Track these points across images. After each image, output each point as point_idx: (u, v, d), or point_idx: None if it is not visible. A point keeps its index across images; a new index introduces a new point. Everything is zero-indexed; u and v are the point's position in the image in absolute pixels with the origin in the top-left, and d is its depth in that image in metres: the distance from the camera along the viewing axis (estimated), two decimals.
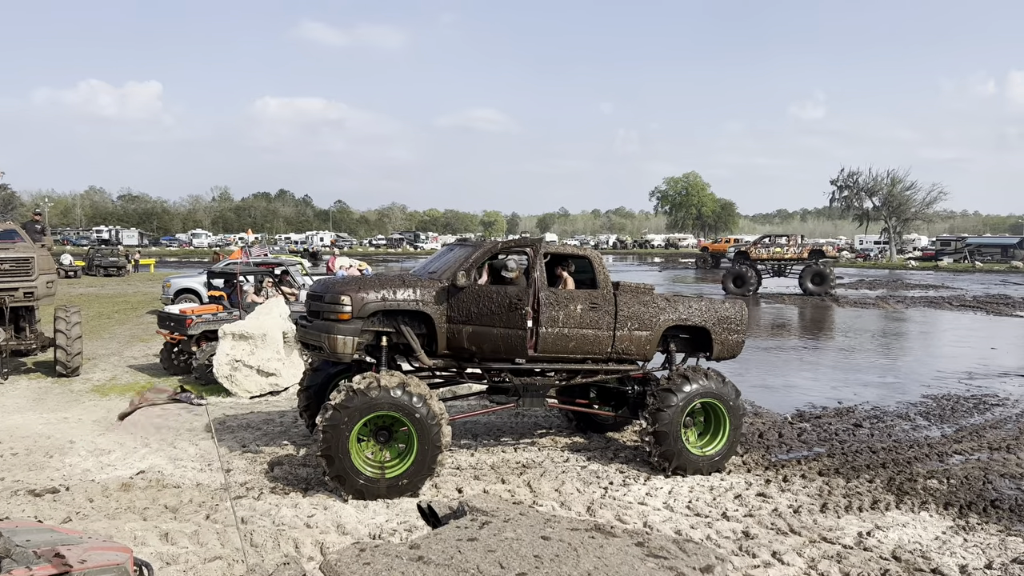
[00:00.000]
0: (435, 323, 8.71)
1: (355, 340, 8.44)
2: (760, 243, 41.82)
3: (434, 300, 8.67)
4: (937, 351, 21.20)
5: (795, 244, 40.27)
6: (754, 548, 7.02)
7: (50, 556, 3.47)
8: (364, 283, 8.73)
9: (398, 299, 8.57)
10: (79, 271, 45.99)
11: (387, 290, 8.58)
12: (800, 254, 39.63)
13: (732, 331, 10.03)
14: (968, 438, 11.27)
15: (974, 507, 8.36)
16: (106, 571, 3.45)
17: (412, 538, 3.89)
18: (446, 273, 8.86)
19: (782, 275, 40.23)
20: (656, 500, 8.39)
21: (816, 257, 39.40)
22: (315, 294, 8.92)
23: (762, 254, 40.45)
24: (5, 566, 3.30)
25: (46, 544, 3.63)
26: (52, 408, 12.12)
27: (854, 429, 11.74)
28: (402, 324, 8.69)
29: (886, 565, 6.73)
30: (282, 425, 11.14)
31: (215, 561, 6.34)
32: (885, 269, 67.72)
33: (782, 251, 40.08)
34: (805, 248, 40.05)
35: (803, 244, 40.58)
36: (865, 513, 8.12)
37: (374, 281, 8.81)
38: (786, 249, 40.07)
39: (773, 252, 40.26)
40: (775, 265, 40.17)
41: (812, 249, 40.17)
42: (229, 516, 7.28)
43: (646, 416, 9.33)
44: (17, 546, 3.48)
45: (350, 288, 8.56)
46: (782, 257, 40.00)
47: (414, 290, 8.65)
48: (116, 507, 7.68)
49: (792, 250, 39.89)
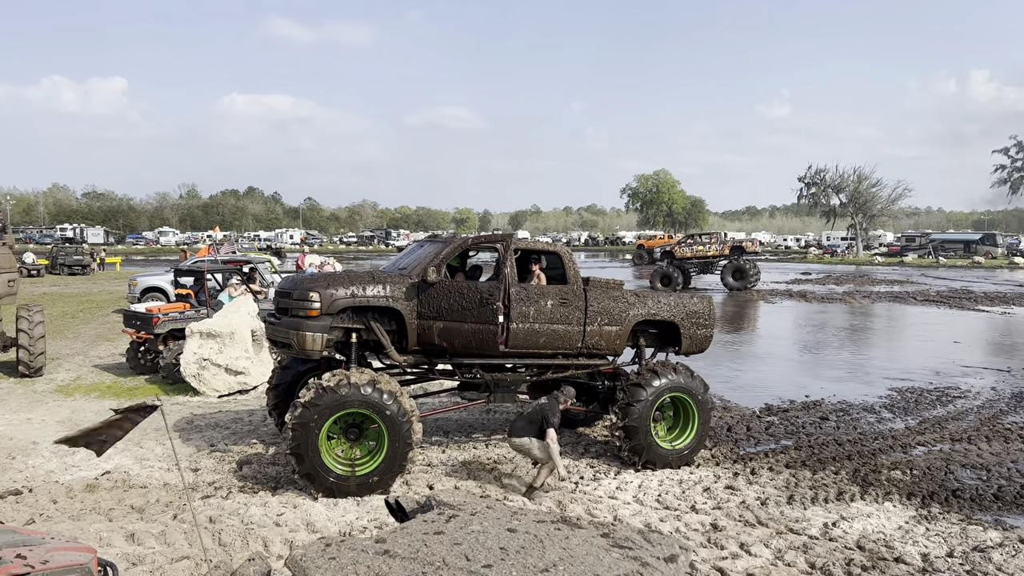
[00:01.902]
0: (405, 319, 8.68)
1: (324, 337, 8.39)
2: (684, 242, 42.62)
3: (404, 296, 8.65)
4: (902, 345, 21.56)
5: (717, 242, 41.15)
6: (722, 540, 7.11)
7: (11, 557, 3.42)
8: (333, 279, 8.68)
9: (368, 295, 8.53)
10: (42, 270, 45.17)
11: (356, 286, 8.54)
12: (722, 251, 40.47)
13: (700, 326, 10.12)
14: (931, 430, 11.49)
15: (936, 497, 8.53)
16: (69, 571, 3.41)
17: (378, 533, 3.88)
18: (416, 269, 8.84)
19: (709, 272, 41.08)
20: (626, 494, 8.45)
21: (737, 254, 40.16)
22: (284, 291, 8.86)
23: (686, 253, 41.29)
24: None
25: (8, 545, 3.57)
26: (14, 409, 11.91)
27: (820, 422, 11.91)
28: (372, 320, 8.66)
29: (851, 555, 6.85)
30: (251, 424, 11.04)
31: (182, 561, 6.28)
32: (852, 265, 68.68)
33: (704, 249, 40.95)
34: (726, 245, 40.82)
35: (724, 241, 41.35)
36: (831, 504, 8.25)
37: (343, 277, 8.76)
38: (708, 247, 40.93)
39: (696, 251, 41.12)
40: (701, 263, 41.04)
41: (732, 246, 40.87)
42: (196, 516, 7.20)
43: (616, 411, 9.39)
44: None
45: (319, 284, 8.51)
46: (705, 255, 40.85)
47: (384, 286, 8.62)
48: (81, 508, 7.57)
49: (714, 247, 40.76)
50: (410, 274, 8.81)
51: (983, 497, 8.54)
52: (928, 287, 41.75)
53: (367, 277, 8.76)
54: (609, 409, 9.81)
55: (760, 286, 40.24)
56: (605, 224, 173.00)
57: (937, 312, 29.55)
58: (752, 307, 31.32)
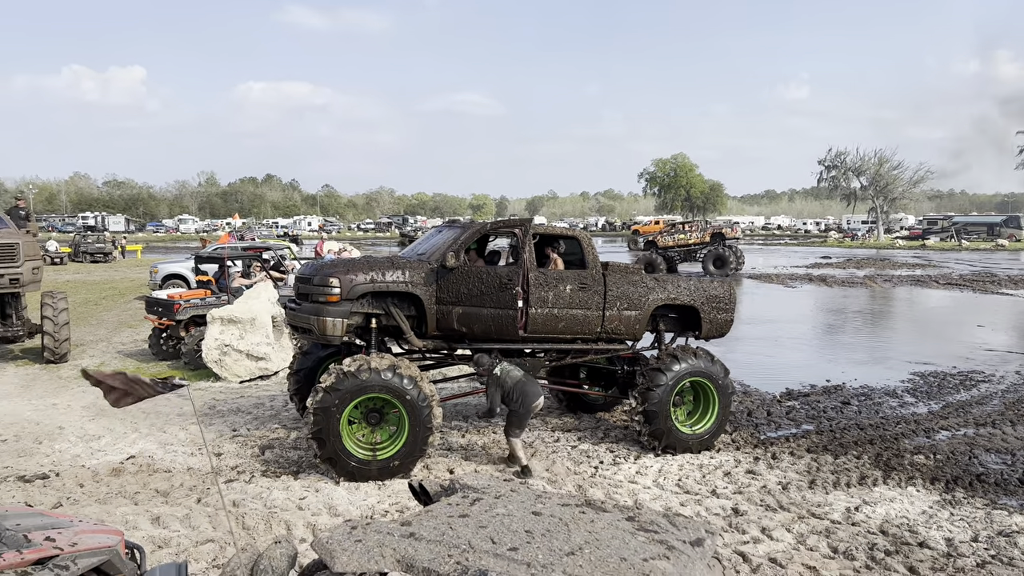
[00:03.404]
0: (424, 304, 8.69)
1: (344, 322, 8.42)
2: (666, 231, 42.61)
3: (423, 281, 8.66)
4: (924, 329, 21.36)
5: (697, 230, 41.14)
6: (743, 524, 7.09)
7: (41, 539, 3.46)
8: (353, 265, 8.70)
9: (387, 281, 8.55)
10: (65, 258, 45.64)
11: (376, 272, 8.55)
12: (702, 239, 40.40)
13: (721, 310, 10.06)
14: (955, 414, 11.38)
15: (960, 482, 8.45)
16: (97, 554, 3.44)
17: (403, 516, 3.90)
18: (435, 254, 8.84)
19: (692, 260, 41.03)
20: (646, 478, 8.44)
21: (718, 241, 40.06)
22: (304, 277, 8.89)
23: (668, 241, 41.29)
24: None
25: (37, 528, 3.61)
26: (40, 395, 12.07)
27: (842, 407, 11.83)
28: (392, 306, 8.68)
29: (874, 539, 6.81)
30: (272, 409, 11.13)
31: (207, 544, 6.35)
32: (873, 249, 68.03)
33: (686, 237, 40.94)
34: (707, 232, 40.73)
35: (704, 229, 41.27)
36: (853, 489, 8.20)
37: (363, 263, 8.78)
38: (689, 235, 40.90)
39: (678, 239, 41.12)
40: (683, 251, 41.02)
41: (713, 233, 40.74)
42: (223, 499, 7.28)
43: (635, 396, 9.37)
44: (7, 530, 3.46)
45: (339, 270, 8.53)
46: (687, 243, 40.81)
47: (403, 272, 8.63)
48: (107, 492, 7.67)
49: (695, 235, 40.73)
50: (429, 260, 8.81)
51: (1008, 482, 8.46)
52: (950, 270, 41.31)
53: (386, 263, 8.78)
54: (628, 394, 9.79)
55: (779, 271, 40.01)
56: (623, 209, 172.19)
57: (960, 295, 29.23)
58: (772, 292, 31.11)
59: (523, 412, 8.42)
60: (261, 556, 3.67)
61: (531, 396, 8.43)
